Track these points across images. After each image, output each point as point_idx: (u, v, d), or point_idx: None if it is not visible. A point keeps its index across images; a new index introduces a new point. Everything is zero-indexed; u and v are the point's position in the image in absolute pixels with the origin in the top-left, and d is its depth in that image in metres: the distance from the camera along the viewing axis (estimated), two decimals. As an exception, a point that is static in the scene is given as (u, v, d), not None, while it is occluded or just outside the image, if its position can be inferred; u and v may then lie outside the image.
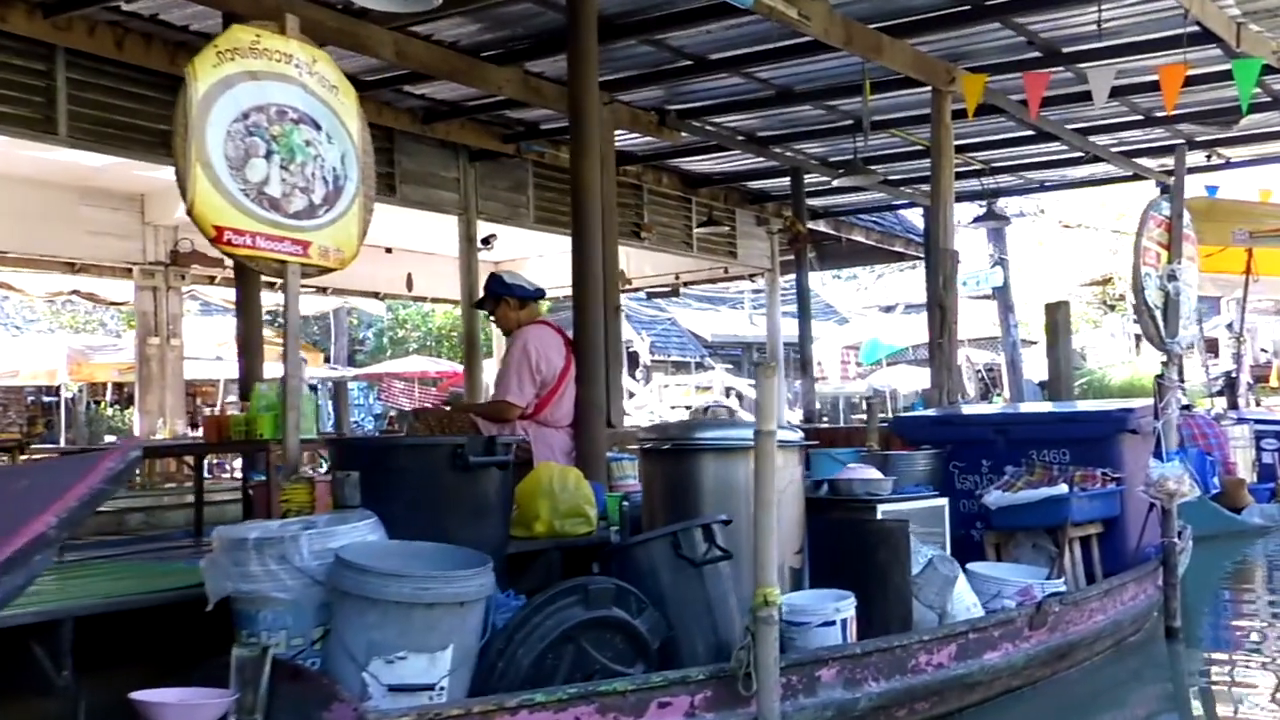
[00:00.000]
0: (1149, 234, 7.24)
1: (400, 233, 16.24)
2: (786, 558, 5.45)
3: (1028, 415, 8.17)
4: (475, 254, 14.25)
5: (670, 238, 16.69)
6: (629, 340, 29.43)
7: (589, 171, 7.33)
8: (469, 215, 13.97)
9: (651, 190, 15.92)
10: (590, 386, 7.16)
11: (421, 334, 29.90)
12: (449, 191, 13.68)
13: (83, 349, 18.03)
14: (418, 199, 13.25)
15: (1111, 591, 6.55)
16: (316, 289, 18.72)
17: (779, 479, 5.36)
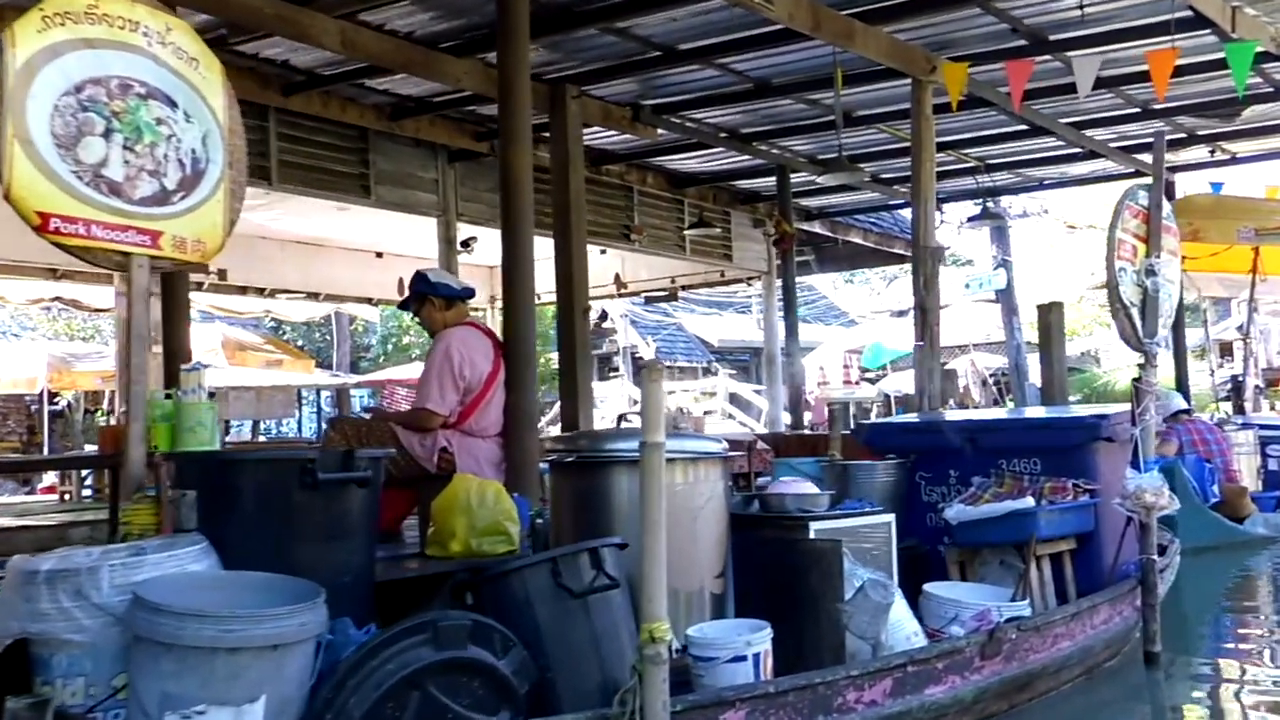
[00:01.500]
0: (1124, 225, 6.61)
1: (391, 237, 15.77)
2: (705, 582, 4.87)
3: (996, 422, 7.55)
4: (455, 257, 13.71)
5: (662, 240, 16.13)
6: (634, 346, 28.83)
7: (519, 161, 6.76)
8: (448, 217, 13.46)
9: (642, 191, 15.37)
10: (521, 393, 6.58)
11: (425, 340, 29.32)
12: (427, 193, 13.17)
13: (64, 356, 17.55)
14: (394, 200, 12.74)
15: (1080, 614, 5.92)
16: (307, 295, 18.27)
17: (696, 495, 4.81)
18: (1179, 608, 8.68)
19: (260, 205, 14.00)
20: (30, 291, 17.03)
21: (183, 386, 6.09)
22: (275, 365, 19.16)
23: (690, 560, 4.81)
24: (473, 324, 6.68)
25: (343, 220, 14.86)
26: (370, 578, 4.28)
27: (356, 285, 18.25)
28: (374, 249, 17.77)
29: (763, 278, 18.20)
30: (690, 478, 4.85)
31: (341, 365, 28.06)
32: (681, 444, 4.88)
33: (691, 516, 4.80)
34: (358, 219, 14.41)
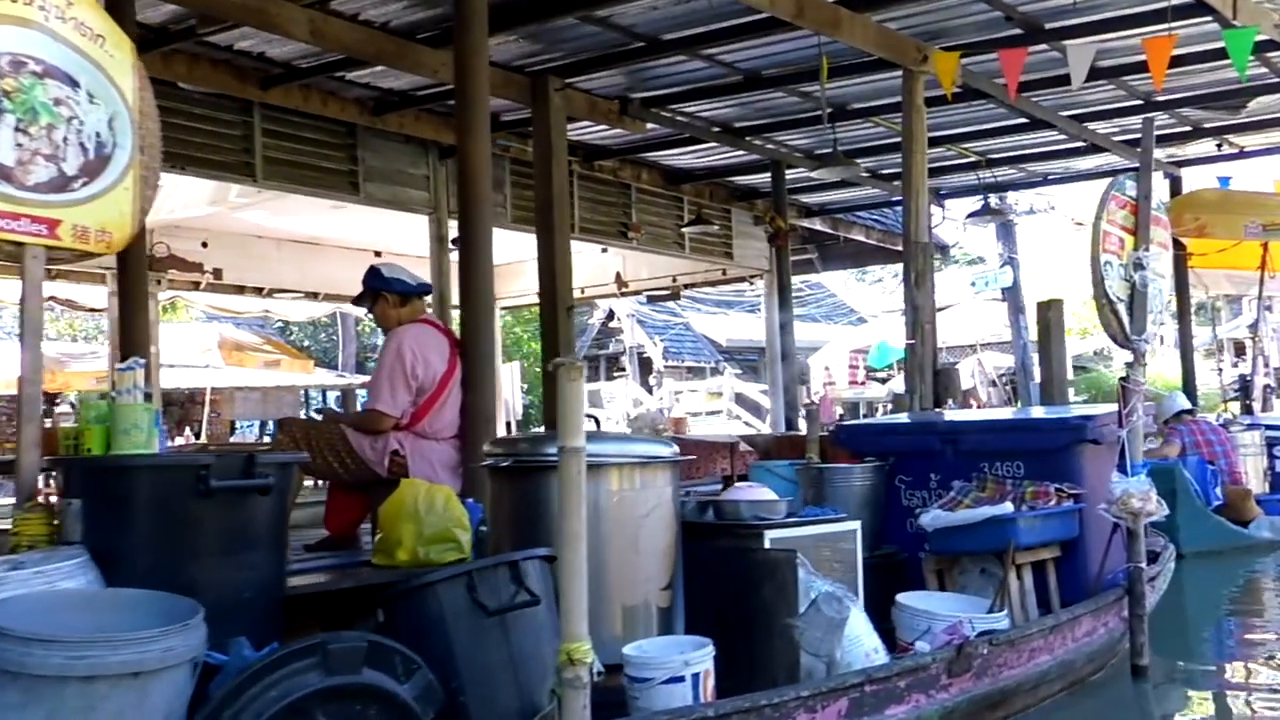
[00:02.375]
0: (1110, 216, 6.26)
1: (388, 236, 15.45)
2: (650, 595, 4.54)
3: (976, 424, 7.21)
4: (446, 255, 13.38)
5: (661, 238, 15.79)
6: (640, 346, 28.50)
7: (477, 152, 6.43)
8: (440, 214, 13.11)
9: (639, 189, 15.04)
10: (478, 393, 6.25)
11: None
12: (418, 189, 12.85)
13: (58, 356, 17.24)
14: (384, 198, 12.42)
15: (1060, 627, 5.58)
16: (305, 295, 17.97)
17: (640, 502, 4.48)
18: (1178, 615, 8.33)
19: (250, 204, 13.72)
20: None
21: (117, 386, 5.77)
22: (274, 365, 18.85)
23: (633, 572, 4.49)
24: (428, 321, 6.37)
25: (338, 219, 14.55)
26: (278, 593, 3.96)
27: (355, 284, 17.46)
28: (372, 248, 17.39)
29: (765, 276, 17.81)
30: (633, 484, 4.53)
31: (347, 365, 27.79)
32: (623, 448, 4.56)
33: (634, 525, 4.48)
34: (354, 217, 14.10)
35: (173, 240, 15.41)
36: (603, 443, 4.58)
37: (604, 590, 4.44)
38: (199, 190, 13.44)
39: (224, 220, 14.83)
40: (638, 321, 27.84)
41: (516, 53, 10.10)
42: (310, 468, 6.14)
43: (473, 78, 6.54)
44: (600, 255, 18.19)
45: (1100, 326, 6.65)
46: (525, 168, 13.26)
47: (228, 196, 13.39)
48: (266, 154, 11.26)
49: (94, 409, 5.99)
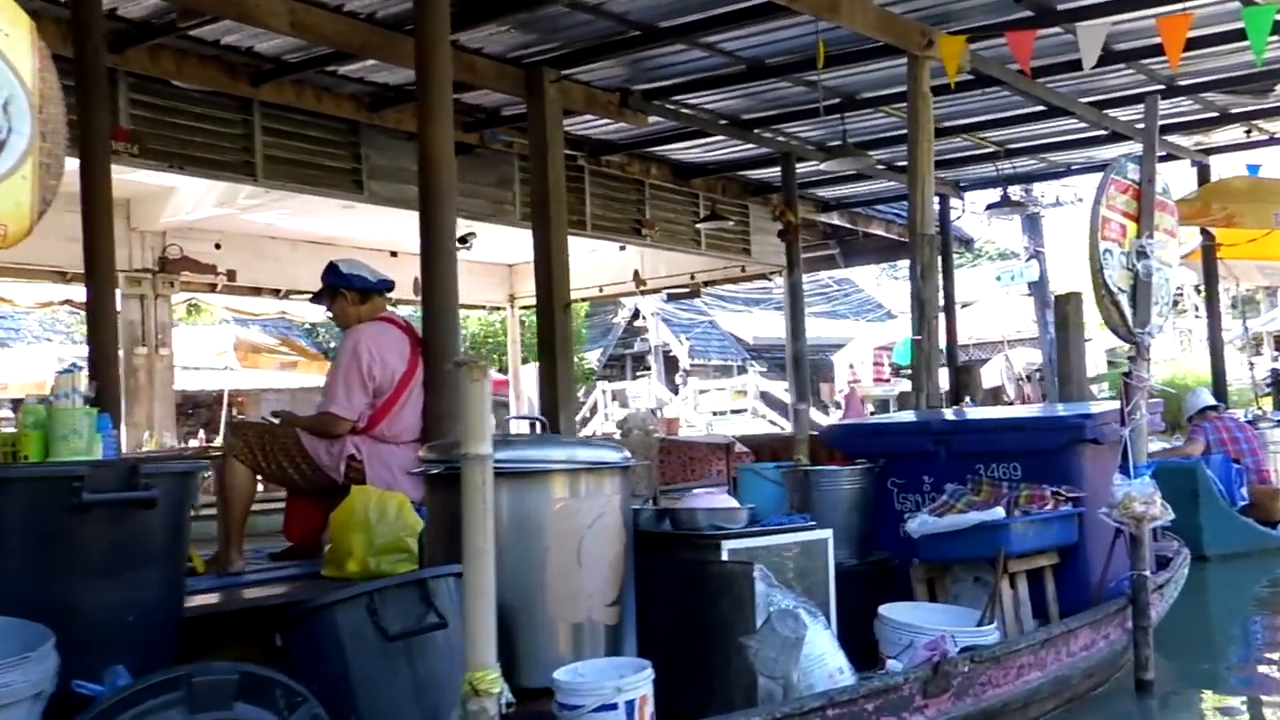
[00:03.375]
0: (1110, 202, 5.84)
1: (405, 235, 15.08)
2: (594, 613, 4.18)
3: (971, 423, 6.79)
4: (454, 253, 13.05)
5: (677, 235, 15.46)
6: (666, 345, 28.14)
7: (438, 139, 6.10)
8: (446, 212, 12.77)
9: (653, 185, 14.70)
10: (441, 394, 5.91)
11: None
12: (424, 188, 12.52)
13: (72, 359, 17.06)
14: (388, 196, 12.14)
15: (1053, 640, 5.17)
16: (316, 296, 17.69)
17: (582, 512, 4.13)
18: (1198, 621, 7.90)
19: (260, 205, 13.51)
20: (39, 295, 16.60)
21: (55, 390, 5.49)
22: (290, 367, 18.64)
23: (574, 587, 4.13)
24: (388, 319, 6.03)
25: (351, 218, 14.31)
26: (172, 615, 3.62)
27: (371, 284, 17.59)
28: (388, 248, 17.18)
29: (783, 272, 17.43)
30: (576, 492, 4.17)
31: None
32: (565, 453, 4.20)
33: (577, 536, 4.12)
34: (367, 217, 13.86)
35: (186, 242, 15.21)
36: (543, 447, 4.24)
37: (542, 607, 4.10)
38: (208, 191, 13.25)
39: (236, 222, 14.64)
40: (663, 320, 27.48)
41: (511, 44, 9.77)
42: (265, 473, 5.83)
43: (433, 62, 6.21)
44: (618, 253, 17.88)
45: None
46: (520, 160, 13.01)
47: (236, 198, 13.19)
48: (267, 152, 11.00)
49: (33, 414, 5.69)
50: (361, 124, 11.52)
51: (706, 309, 27.98)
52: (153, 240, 15.14)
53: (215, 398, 26.52)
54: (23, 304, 17.53)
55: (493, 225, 13.61)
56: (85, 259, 7.27)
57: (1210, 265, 13.87)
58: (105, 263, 7.42)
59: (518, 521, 4.10)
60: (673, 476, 8.59)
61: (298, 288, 16.93)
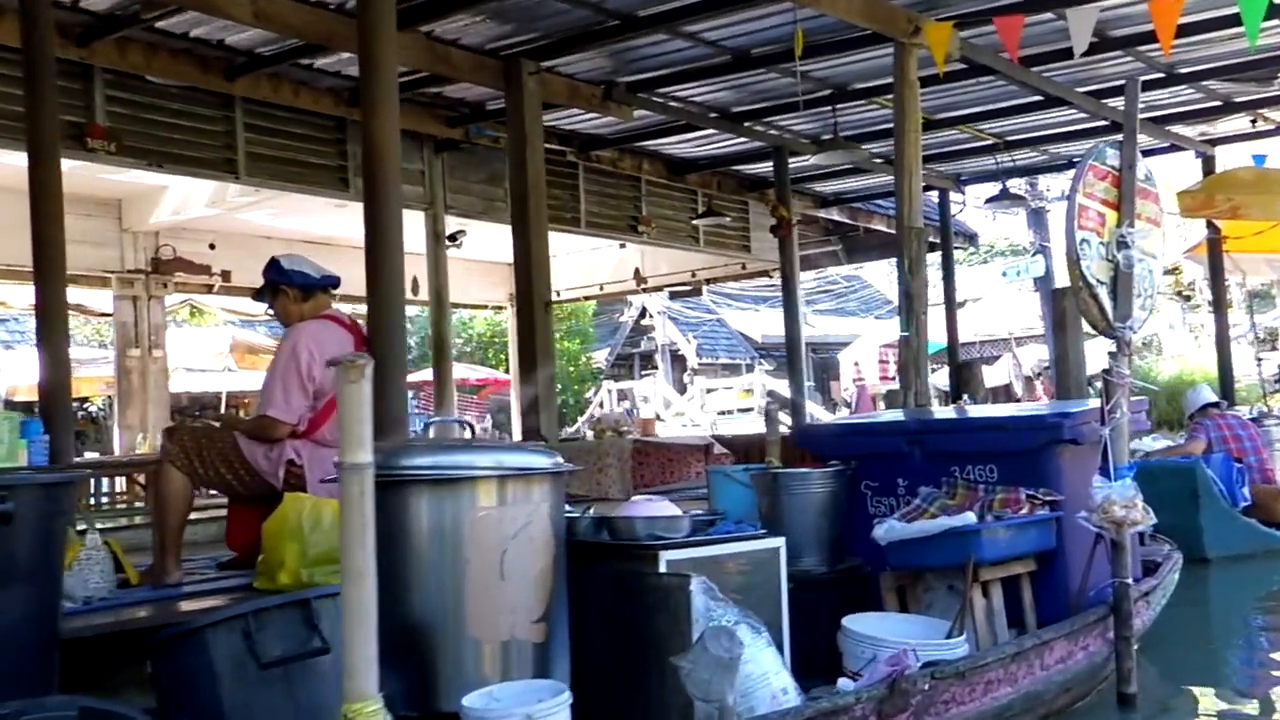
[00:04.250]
0: (1088, 189, 5.53)
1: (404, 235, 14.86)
2: (518, 631, 3.88)
3: (945, 423, 6.48)
4: (443, 252, 12.84)
5: (674, 232, 15.15)
6: (674, 343, 27.84)
7: (383, 127, 5.80)
8: (435, 210, 12.57)
9: (650, 181, 14.40)
10: (388, 396, 5.62)
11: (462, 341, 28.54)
12: (412, 185, 12.25)
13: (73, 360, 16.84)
14: (375, 192, 11.81)
15: (1024, 654, 4.86)
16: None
17: (505, 522, 3.84)
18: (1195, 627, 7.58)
19: (252, 204, 13.27)
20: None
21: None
22: None
23: (496, 603, 3.84)
24: (331, 317, 5.74)
25: (345, 217, 14.01)
26: (42, 640, 3.33)
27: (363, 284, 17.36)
28: (385, 247, 16.92)
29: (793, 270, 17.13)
30: (498, 500, 3.88)
31: (377, 366, 27.31)
32: (485, 459, 3.91)
33: (498, 548, 3.83)
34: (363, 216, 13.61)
35: (179, 242, 15.00)
36: (463, 453, 3.94)
37: (461, 625, 3.81)
38: (198, 191, 13.02)
39: (230, 221, 14.42)
40: (670, 318, 27.17)
41: (489, 35, 9.49)
42: (202, 479, 5.56)
43: (374, 47, 5.91)
44: (619, 251, 17.64)
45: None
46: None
47: (226, 196, 12.95)
48: (250, 149, 10.74)
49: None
50: (347, 120, 11.24)
51: (715, 307, 27.65)
52: (145, 241, 14.95)
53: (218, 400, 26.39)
54: (17, 306, 17.37)
55: (485, 223, 13.29)
56: (34, 257, 7.01)
57: (1216, 259, 13.50)
58: (55, 261, 7.15)
59: (435, 532, 3.82)
60: (651, 479, 8.29)
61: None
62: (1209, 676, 6.50)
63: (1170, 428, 12.61)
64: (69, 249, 14.43)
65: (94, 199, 14.07)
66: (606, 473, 7.37)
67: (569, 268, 18.87)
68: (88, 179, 12.65)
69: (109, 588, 5.15)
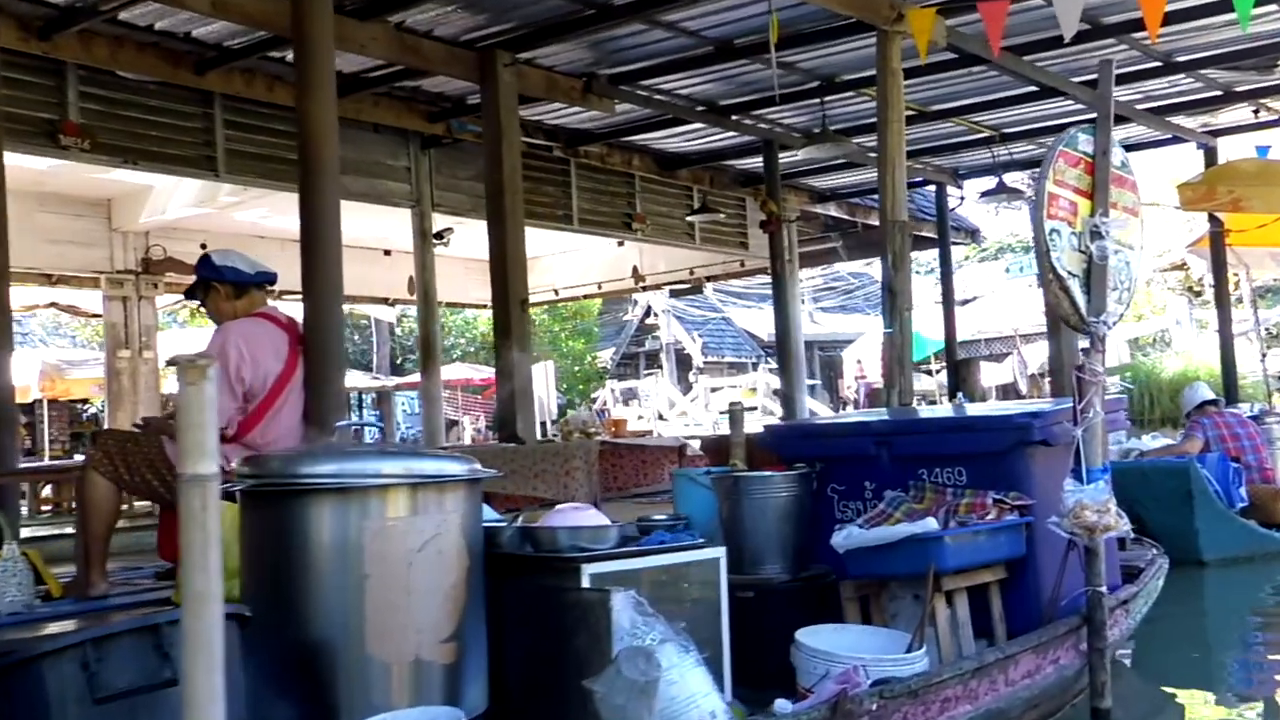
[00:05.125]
0: (1058, 176, 5.21)
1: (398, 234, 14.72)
2: (425, 651, 3.60)
3: (912, 423, 6.15)
4: (430, 250, 12.60)
5: (669, 229, 14.89)
6: (679, 342, 27.53)
7: (318, 113, 5.52)
8: (423, 207, 12.35)
9: (643, 178, 14.13)
10: (323, 397, 5.34)
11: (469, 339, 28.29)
12: (398, 182, 12.09)
13: (58, 364, 16.70)
14: (360, 191, 11.65)
15: (986, 669, 4.55)
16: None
17: (411, 533, 3.56)
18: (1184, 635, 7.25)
19: (240, 203, 13.08)
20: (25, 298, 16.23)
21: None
22: (284, 368, 18.07)
23: (399, 622, 3.55)
24: (266, 315, 5.45)
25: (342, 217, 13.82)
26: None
27: (365, 284, 17.23)
28: (380, 246, 16.79)
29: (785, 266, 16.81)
30: (401, 511, 3.59)
31: (381, 367, 27.12)
32: (387, 466, 3.62)
33: (402, 563, 3.55)
34: (357, 215, 13.33)
35: (169, 243, 14.80)
36: (366, 460, 3.65)
37: (359, 646, 3.52)
38: (186, 190, 12.80)
39: (221, 221, 14.23)
40: (675, 317, 26.84)
41: (462, 26, 9.24)
42: (128, 486, 5.28)
43: (308, 26, 5.63)
44: (616, 249, 17.40)
45: (1161, 310, 5.65)
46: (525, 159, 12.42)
47: (217, 196, 12.77)
48: (229, 146, 10.57)
49: None
50: (331, 117, 11.01)
51: (721, 306, 27.32)
52: (135, 241, 14.77)
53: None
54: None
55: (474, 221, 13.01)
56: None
57: (1219, 253, 13.14)
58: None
59: (334, 546, 3.54)
60: (626, 481, 7.99)
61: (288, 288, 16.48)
62: (1198, 687, 6.17)
63: (1175, 425, 12.23)
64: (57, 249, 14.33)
65: (83, 199, 13.91)
66: (574, 475, 7.09)
67: (566, 266, 18.64)
68: (76, 179, 12.48)
69: (26, 601, 4.88)
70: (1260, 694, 6.00)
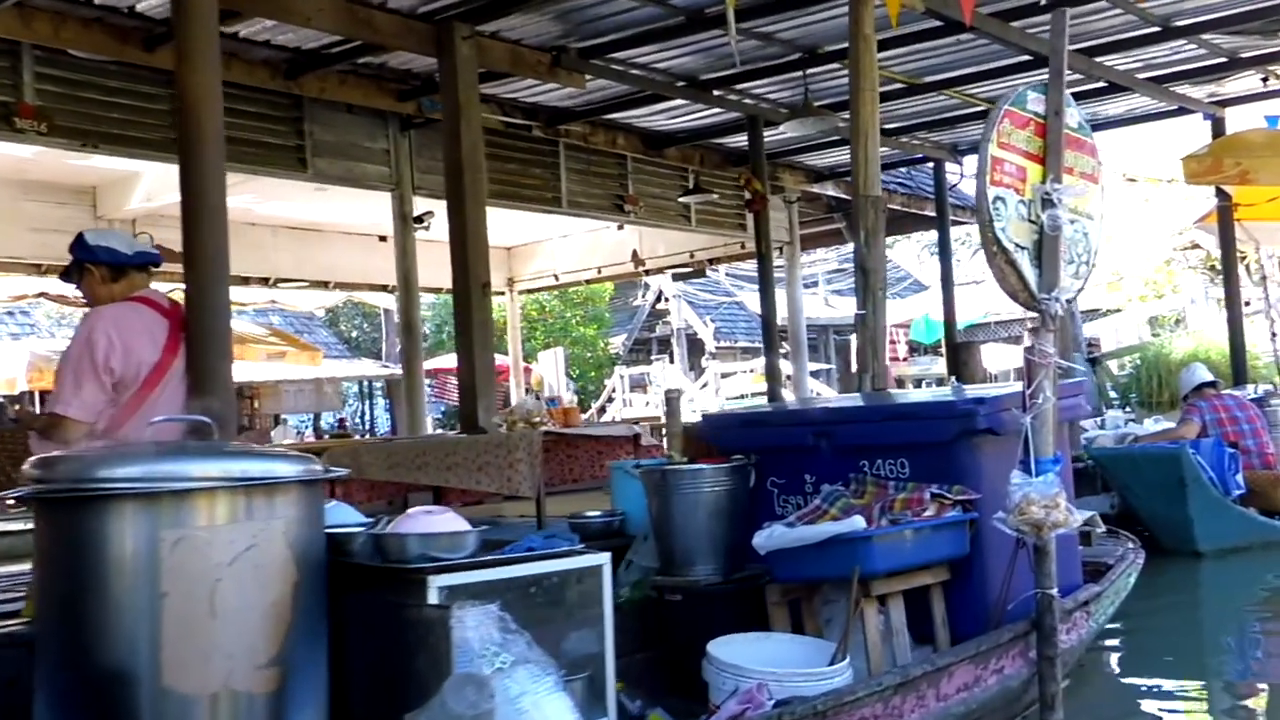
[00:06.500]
0: (1003, 139, 4.69)
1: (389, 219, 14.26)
2: (239, 679, 3.13)
3: (852, 411, 5.64)
4: (411, 234, 12.13)
5: (664, 211, 14.36)
6: (691, 327, 27.01)
7: (198, 80, 5.07)
8: (403, 190, 11.88)
9: (636, 159, 13.61)
10: (207, 388, 4.86)
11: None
12: (377, 164, 11.63)
13: (46, 354, 16.31)
14: (336, 174, 11.24)
15: (912, 683, 4.05)
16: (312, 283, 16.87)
17: (218, 545, 3.10)
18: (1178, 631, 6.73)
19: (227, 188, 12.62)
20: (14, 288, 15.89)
21: None
22: (278, 357, 17.76)
23: (204, 646, 3.09)
24: (144, 299, 4.97)
25: (328, 202, 13.47)
26: None
27: (362, 271, 16.86)
28: (375, 232, 16.34)
29: (785, 248, 16.32)
30: (209, 519, 3.12)
31: (391, 355, 26.69)
32: (199, 467, 3.14)
33: (206, 579, 3.08)
34: (348, 200, 13.06)
35: (156, 229, 14.30)
36: (171, 461, 3.18)
37: (155, 675, 3.05)
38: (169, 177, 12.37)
39: (209, 208, 13.78)
40: (687, 302, 26.29)
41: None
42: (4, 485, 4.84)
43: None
44: (616, 233, 16.95)
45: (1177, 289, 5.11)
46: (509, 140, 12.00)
47: (197, 183, 12.31)
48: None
49: None
50: (305, 98, 10.62)
51: (734, 290, 26.73)
52: (122, 229, 14.34)
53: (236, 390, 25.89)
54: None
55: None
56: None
57: (1227, 228, 12.51)
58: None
59: (124, 560, 3.07)
60: (580, 473, 7.53)
61: (281, 275, 16.14)
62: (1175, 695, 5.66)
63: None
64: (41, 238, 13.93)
65: (67, 187, 13.52)
66: (516, 468, 6.62)
67: (566, 251, 18.19)
68: (59, 166, 12.11)
69: None
70: (1247, 698, 5.49)
